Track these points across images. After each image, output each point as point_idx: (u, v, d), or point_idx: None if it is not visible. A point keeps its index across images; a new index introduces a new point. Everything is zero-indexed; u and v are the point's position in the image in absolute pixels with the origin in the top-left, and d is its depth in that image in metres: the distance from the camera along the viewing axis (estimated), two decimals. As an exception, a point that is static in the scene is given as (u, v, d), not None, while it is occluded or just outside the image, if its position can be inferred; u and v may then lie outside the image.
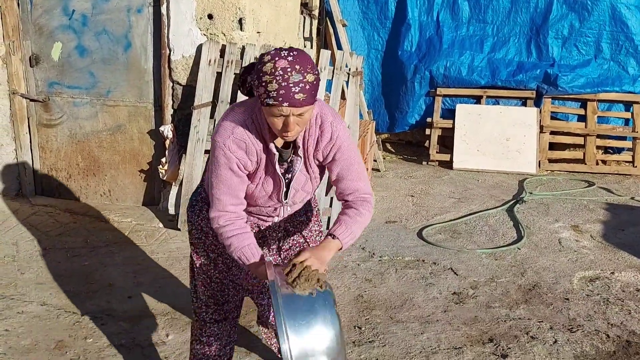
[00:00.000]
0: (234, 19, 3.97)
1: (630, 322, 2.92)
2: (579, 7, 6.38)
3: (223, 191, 1.76)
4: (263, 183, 1.82)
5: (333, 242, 1.75)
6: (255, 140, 1.73)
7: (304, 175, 1.86)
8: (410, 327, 2.85)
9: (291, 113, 1.58)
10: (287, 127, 1.61)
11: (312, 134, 1.77)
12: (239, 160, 1.73)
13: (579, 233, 4.25)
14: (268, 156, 1.77)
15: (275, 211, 1.95)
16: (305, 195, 1.94)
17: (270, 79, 1.54)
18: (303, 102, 1.56)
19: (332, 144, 1.78)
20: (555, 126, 6.39)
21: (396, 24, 6.83)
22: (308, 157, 1.82)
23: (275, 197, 1.87)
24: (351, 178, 1.83)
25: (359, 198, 1.84)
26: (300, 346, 1.51)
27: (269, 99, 1.56)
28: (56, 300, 3.04)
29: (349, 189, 1.84)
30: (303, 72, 1.55)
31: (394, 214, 4.63)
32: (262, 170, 1.80)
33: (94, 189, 4.48)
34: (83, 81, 4.30)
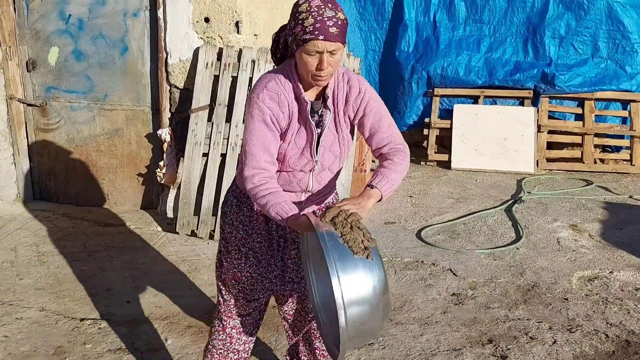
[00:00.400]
0: (231, 22, 3.97)
1: (629, 322, 2.92)
2: (575, 6, 6.39)
3: (257, 145, 1.82)
4: (295, 139, 1.88)
5: (372, 191, 1.79)
6: (287, 92, 1.83)
7: (333, 133, 1.91)
8: (410, 328, 2.85)
9: (325, 49, 1.68)
10: (321, 65, 1.71)
11: (340, 89, 1.87)
12: (272, 113, 1.81)
13: (578, 232, 4.25)
14: (300, 107, 1.85)
15: (305, 177, 1.95)
16: (333, 159, 1.96)
17: (307, 15, 1.67)
18: (336, 36, 1.68)
19: (361, 97, 1.87)
20: (553, 125, 6.40)
21: (393, 25, 6.83)
22: (338, 113, 1.89)
23: (307, 152, 1.90)
24: (384, 129, 1.91)
25: (394, 149, 1.90)
26: (350, 288, 1.52)
27: (306, 34, 1.67)
28: (55, 306, 3.04)
29: (384, 140, 1.91)
30: (335, 10, 1.69)
31: (393, 215, 4.63)
32: (295, 124, 1.86)
33: (92, 193, 4.47)
34: (80, 85, 4.29)
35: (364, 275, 1.56)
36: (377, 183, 1.80)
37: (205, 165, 4.01)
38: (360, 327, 1.56)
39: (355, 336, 1.58)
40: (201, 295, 3.18)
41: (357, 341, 1.64)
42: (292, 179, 1.95)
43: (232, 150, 3.95)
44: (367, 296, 1.55)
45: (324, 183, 2.01)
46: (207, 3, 3.95)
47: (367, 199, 1.76)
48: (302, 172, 1.94)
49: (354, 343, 1.63)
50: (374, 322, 1.59)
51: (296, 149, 1.89)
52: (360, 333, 1.58)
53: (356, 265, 1.55)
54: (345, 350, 1.59)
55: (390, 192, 1.83)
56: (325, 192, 2.07)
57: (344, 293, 1.51)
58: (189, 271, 3.47)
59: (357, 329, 1.56)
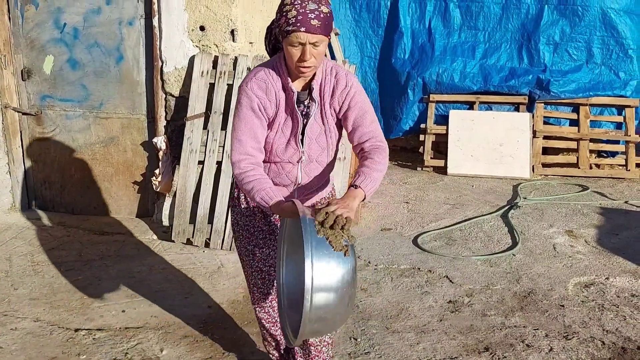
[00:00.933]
0: (226, 30, 3.98)
1: (625, 329, 2.92)
2: (570, 12, 6.42)
3: (244, 131, 1.89)
4: (282, 127, 1.94)
5: (357, 191, 1.82)
6: (274, 81, 1.90)
7: (319, 125, 1.96)
8: (406, 337, 2.84)
9: (307, 41, 1.74)
10: (304, 56, 1.77)
11: (327, 82, 1.93)
12: (259, 101, 1.89)
13: (574, 238, 4.26)
14: (287, 97, 1.91)
15: (293, 169, 2.00)
16: (321, 151, 2.00)
17: (290, 7, 1.74)
18: (318, 28, 1.73)
19: (347, 91, 1.93)
20: (548, 131, 6.41)
21: (389, 32, 6.86)
22: (324, 105, 1.94)
23: (293, 142, 1.95)
24: (367, 124, 1.94)
25: (374, 146, 1.94)
26: (320, 273, 1.59)
27: (289, 26, 1.74)
28: (49, 316, 3.02)
29: (365, 134, 1.94)
30: (318, 3, 1.75)
31: (389, 221, 4.63)
32: (282, 113, 1.92)
33: (88, 201, 4.46)
34: (75, 94, 4.29)
35: (336, 265, 1.62)
36: (361, 183, 1.84)
37: (201, 173, 4.00)
38: (323, 315, 1.63)
39: (316, 321, 1.63)
40: (197, 304, 3.17)
41: (317, 326, 1.68)
42: (281, 171, 2.01)
43: (228, 158, 3.94)
44: (334, 285, 1.62)
45: (313, 175, 2.05)
46: (202, 11, 3.95)
47: (352, 199, 1.78)
48: (290, 163, 1.99)
49: (314, 328, 1.67)
50: (336, 312, 1.66)
51: (283, 138, 1.95)
52: (321, 320, 1.64)
53: (330, 255, 1.61)
54: (304, 333, 1.65)
55: (372, 191, 1.87)
56: (317, 186, 2.09)
57: (314, 277, 1.57)
58: (184, 280, 3.46)
59: (319, 316, 1.62)
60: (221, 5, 3.92)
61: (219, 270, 3.59)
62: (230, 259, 3.74)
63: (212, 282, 3.42)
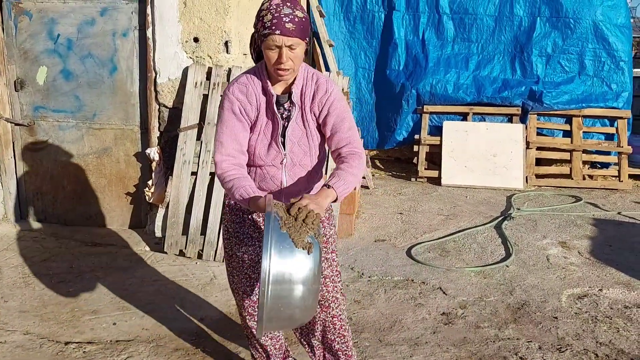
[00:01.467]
0: (220, 42, 3.99)
1: (618, 341, 2.91)
2: (562, 25, 6.49)
3: (226, 134, 1.96)
4: (264, 130, 1.99)
5: (329, 190, 1.85)
6: (255, 85, 1.97)
7: (300, 129, 2.00)
8: (400, 349, 2.82)
9: (283, 44, 1.80)
10: (280, 58, 1.82)
11: (308, 87, 1.98)
12: (240, 103, 1.95)
13: (567, 249, 4.26)
14: (267, 100, 1.97)
15: (277, 173, 2.03)
16: (303, 155, 2.03)
17: (266, 12, 1.81)
18: (292, 31, 1.79)
19: (326, 96, 1.98)
20: (541, 142, 6.45)
21: (383, 44, 6.91)
22: (304, 109, 1.99)
23: (274, 144, 1.99)
24: (344, 130, 1.99)
25: (351, 152, 1.97)
26: (280, 265, 1.62)
27: (265, 29, 1.80)
28: (39, 329, 2.99)
29: (343, 140, 1.98)
30: (292, 8, 1.82)
31: (383, 233, 4.62)
32: (263, 116, 1.97)
33: (80, 212, 4.44)
34: (69, 105, 4.28)
35: (297, 262, 1.64)
36: (334, 184, 1.86)
37: (194, 184, 3.99)
38: (281, 309, 1.65)
39: (275, 318, 1.66)
40: (189, 317, 3.14)
41: (276, 324, 1.71)
42: (266, 175, 2.04)
43: (221, 169, 3.93)
44: (294, 280, 1.63)
45: (298, 178, 2.07)
46: (196, 23, 3.96)
47: (324, 198, 1.81)
48: (273, 166, 2.03)
49: (273, 325, 1.70)
50: (295, 308, 1.67)
51: (265, 140, 2.00)
52: (280, 315, 1.66)
53: (292, 251, 1.64)
54: (262, 327, 1.66)
55: (345, 193, 1.89)
56: (305, 191, 2.09)
57: (272, 269, 1.60)
58: (177, 292, 3.43)
59: (277, 309, 1.64)
60: (215, 17, 3.93)
61: (211, 282, 3.57)
62: (223, 271, 3.72)
63: (204, 294, 3.40)
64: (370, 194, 5.84)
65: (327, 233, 2.16)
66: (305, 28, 1.84)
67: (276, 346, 2.31)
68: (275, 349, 2.32)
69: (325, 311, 2.18)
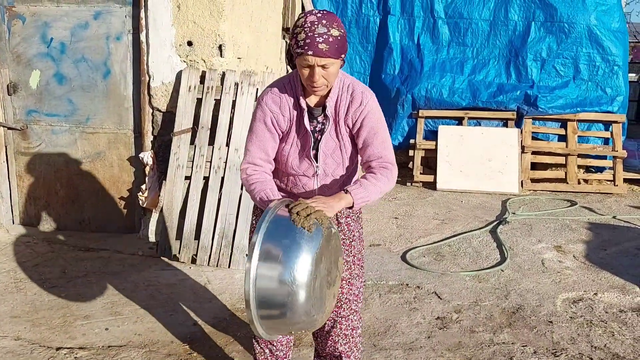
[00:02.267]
0: (214, 46, 3.98)
1: (613, 345, 2.90)
2: (557, 29, 6.51)
3: (254, 143, 1.96)
4: (297, 141, 1.97)
5: (345, 195, 1.83)
6: (289, 97, 1.94)
7: (334, 141, 1.97)
8: (394, 354, 2.80)
9: (315, 63, 1.77)
10: (312, 77, 1.80)
11: (343, 99, 1.94)
12: (272, 115, 1.93)
13: (562, 253, 4.25)
14: (300, 112, 1.94)
15: (309, 182, 2.02)
16: (336, 166, 2.01)
17: (300, 30, 1.76)
18: (326, 52, 1.75)
19: (361, 109, 1.93)
20: (536, 146, 6.45)
21: (378, 48, 6.91)
22: (338, 122, 1.95)
23: (306, 158, 1.97)
24: (376, 144, 1.95)
25: (382, 165, 1.95)
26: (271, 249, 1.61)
27: (298, 48, 1.77)
28: (31, 334, 2.96)
29: (374, 154, 1.95)
30: (328, 27, 1.76)
31: (378, 237, 4.61)
32: (295, 128, 1.95)
33: (73, 217, 4.41)
34: (62, 109, 4.26)
35: (292, 252, 1.61)
36: (353, 190, 1.85)
37: (188, 188, 3.97)
38: (271, 301, 1.62)
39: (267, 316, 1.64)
40: (182, 322, 3.11)
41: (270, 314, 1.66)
42: (298, 183, 2.04)
43: (215, 173, 3.92)
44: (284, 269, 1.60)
45: (330, 188, 2.05)
46: (190, 27, 3.95)
47: (337, 201, 1.80)
48: (305, 176, 2.01)
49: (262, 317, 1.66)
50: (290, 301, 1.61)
51: (297, 152, 1.98)
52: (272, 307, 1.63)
53: (294, 241, 1.62)
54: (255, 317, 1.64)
55: (363, 203, 1.86)
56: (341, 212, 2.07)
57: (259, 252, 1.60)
58: (170, 297, 3.40)
59: (266, 301, 1.62)
60: (209, 20, 3.92)
61: (205, 287, 3.54)
62: (217, 276, 3.70)
63: (198, 299, 3.37)
64: (366, 198, 5.82)
65: (350, 236, 2.13)
66: (341, 46, 1.80)
67: (282, 341, 2.26)
68: (282, 345, 2.26)
69: (335, 311, 2.16)
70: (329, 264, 1.76)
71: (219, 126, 3.95)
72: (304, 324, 1.69)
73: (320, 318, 1.74)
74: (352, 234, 2.13)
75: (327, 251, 1.72)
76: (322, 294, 1.71)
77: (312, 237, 1.65)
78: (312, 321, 1.69)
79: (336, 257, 1.83)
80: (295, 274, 1.60)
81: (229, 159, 3.90)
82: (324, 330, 2.22)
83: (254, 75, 4.01)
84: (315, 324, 1.73)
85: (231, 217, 3.85)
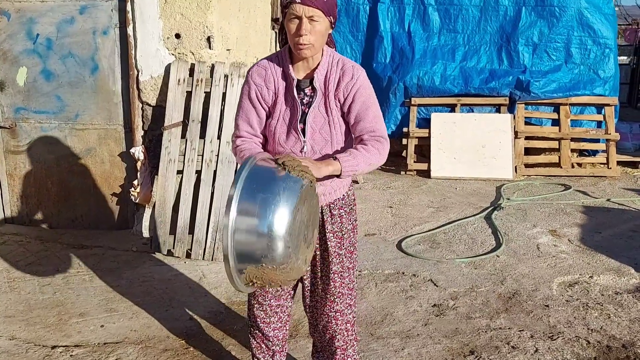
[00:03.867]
0: (202, 38, 3.93)
1: (609, 327, 2.91)
2: (547, 14, 6.48)
3: (241, 117, 1.99)
4: (283, 115, 1.95)
5: (333, 161, 1.83)
6: (275, 68, 1.94)
7: (323, 116, 1.94)
8: (391, 342, 2.80)
9: (303, 14, 1.76)
10: (299, 30, 1.78)
11: (333, 73, 1.92)
12: (257, 88, 1.94)
13: (557, 237, 4.26)
14: (287, 85, 1.93)
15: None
16: (325, 143, 1.96)
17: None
18: (314, 2, 1.76)
19: (352, 82, 1.91)
20: (529, 131, 6.45)
21: (369, 36, 6.86)
22: (328, 96, 1.93)
23: (293, 131, 1.94)
24: (369, 119, 1.93)
25: (374, 137, 1.93)
26: (245, 206, 1.59)
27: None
28: (25, 334, 2.93)
29: (366, 128, 1.93)
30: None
31: (373, 226, 4.60)
32: (282, 101, 1.94)
33: (65, 214, 4.37)
34: (50, 105, 4.21)
35: (270, 204, 1.58)
36: (341, 157, 1.83)
37: (180, 182, 3.94)
38: (246, 252, 1.60)
39: (245, 270, 1.62)
40: (178, 317, 3.10)
41: (248, 275, 1.65)
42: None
43: (207, 166, 3.89)
44: (261, 216, 1.58)
45: (320, 157, 2.01)
46: (178, 19, 3.91)
47: (325, 165, 1.80)
48: (293, 153, 1.97)
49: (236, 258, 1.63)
50: (263, 249, 1.60)
51: (284, 125, 1.95)
52: (249, 257, 1.61)
53: (273, 193, 1.60)
54: (229, 252, 1.61)
55: (350, 172, 1.86)
56: (324, 180, 2.00)
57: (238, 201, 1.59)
58: (165, 292, 3.38)
59: (244, 254, 1.60)
60: (196, 12, 3.88)
61: (200, 282, 3.53)
62: (212, 270, 3.68)
63: (193, 294, 3.36)
64: (360, 188, 5.81)
65: (342, 228, 2.09)
66: (330, 2, 1.81)
67: (279, 336, 2.24)
68: (278, 339, 2.24)
69: (329, 305, 2.14)
70: (307, 220, 1.74)
71: (210, 119, 3.92)
72: (283, 275, 1.67)
73: (296, 269, 1.71)
74: (345, 225, 2.10)
75: (305, 206, 1.70)
76: (299, 245, 1.70)
77: (292, 188, 1.63)
78: (288, 273, 1.68)
79: (315, 218, 1.83)
80: (273, 226, 1.59)
81: (220, 151, 3.87)
82: (321, 325, 2.21)
83: (244, 66, 3.97)
84: (291, 276, 1.71)
85: (225, 211, 3.83)
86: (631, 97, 11.84)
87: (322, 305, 2.16)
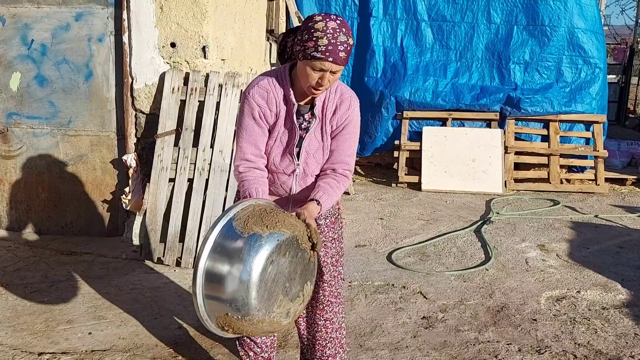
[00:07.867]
0: (198, 47, 3.96)
1: (596, 342, 2.93)
2: (539, 33, 6.59)
3: (245, 138, 1.97)
4: (281, 137, 1.99)
5: (317, 206, 1.93)
6: (277, 91, 1.94)
7: (318, 141, 2.00)
8: (380, 354, 2.81)
9: (330, 69, 1.80)
10: (322, 82, 1.82)
11: (331, 100, 1.98)
12: (260, 109, 1.94)
13: (546, 252, 4.30)
14: (287, 109, 1.95)
15: (288, 180, 2.04)
16: (316, 166, 2.04)
17: (322, 35, 1.77)
18: (343, 60, 1.81)
19: (348, 113, 1.99)
20: (519, 146, 6.52)
21: (361, 51, 6.92)
22: (325, 122, 1.98)
23: (289, 154, 2.00)
24: (346, 152, 2.03)
25: (344, 172, 2.03)
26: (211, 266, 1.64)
27: (317, 52, 1.77)
28: (12, 340, 2.91)
29: (341, 160, 2.02)
30: (347, 35, 1.80)
31: (364, 238, 4.61)
32: (281, 123, 1.97)
33: (56, 221, 4.35)
34: (43, 111, 4.21)
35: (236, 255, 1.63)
36: (322, 200, 1.94)
37: (172, 191, 3.94)
38: (219, 281, 1.64)
39: (212, 295, 1.66)
40: (166, 325, 3.09)
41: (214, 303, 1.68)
42: (276, 180, 2.05)
43: (200, 175, 3.89)
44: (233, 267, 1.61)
45: (307, 186, 2.08)
46: (173, 28, 3.93)
47: (315, 212, 1.92)
48: (284, 174, 2.03)
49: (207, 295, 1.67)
50: (233, 285, 1.63)
51: (280, 147, 2.00)
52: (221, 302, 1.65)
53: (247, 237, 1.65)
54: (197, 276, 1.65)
55: (327, 209, 1.99)
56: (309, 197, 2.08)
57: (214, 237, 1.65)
58: (154, 300, 3.37)
59: (214, 282, 1.64)
60: (192, 22, 3.91)
61: (190, 290, 3.51)
62: (202, 278, 3.67)
63: (182, 302, 3.34)
64: (351, 199, 5.83)
65: (328, 238, 2.14)
66: (350, 54, 1.86)
67: (267, 342, 2.25)
68: (266, 346, 2.25)
69: (318, 314, 2.16)
70: (291, 272, 1.76)
71: (203, 128, 3.93)
72: (252, 327, 1.69)
73: (269, 322, 1.71)
74: (331, 235, 2.15)
75: (287, 258, 1.73)
76: (274, 297, 1.70)
77: (270, 239, 1.66)
78: (256, 325, 1.69)
79: (306, 272, 1.84)
80: (240, 274, 1.63)
81: (213, 160, 3.88)
82: (310, 334, 2.22)
83: (238, 76, 4.00)
84: (262, 328, 1.71)
85: (216, 219, 3.83)
86: (619, 115, 12.01)
87: (311, 315, 2.18)
